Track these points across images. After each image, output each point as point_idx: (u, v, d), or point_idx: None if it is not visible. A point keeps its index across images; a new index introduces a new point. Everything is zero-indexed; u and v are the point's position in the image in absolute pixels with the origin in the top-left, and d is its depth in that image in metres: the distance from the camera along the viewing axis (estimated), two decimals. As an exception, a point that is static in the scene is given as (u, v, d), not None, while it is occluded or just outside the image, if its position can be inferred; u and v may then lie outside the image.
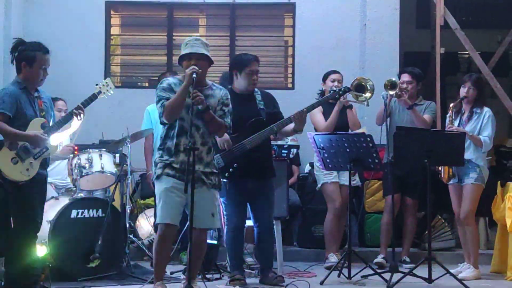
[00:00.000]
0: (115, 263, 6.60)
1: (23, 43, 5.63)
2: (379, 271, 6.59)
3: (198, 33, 9.28)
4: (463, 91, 6.89)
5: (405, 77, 7.44)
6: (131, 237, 7.35)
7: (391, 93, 7.12)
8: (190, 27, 9.69)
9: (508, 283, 6.68)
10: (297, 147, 7.75)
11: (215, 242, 6.70)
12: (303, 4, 9.26)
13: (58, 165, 7.29)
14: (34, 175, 5.50)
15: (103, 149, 7.03)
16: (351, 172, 6.73)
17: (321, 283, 6.28)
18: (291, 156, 7.57)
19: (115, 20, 9.61)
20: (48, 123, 5.62)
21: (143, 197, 8.52)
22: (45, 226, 6.26)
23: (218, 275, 6.61)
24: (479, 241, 7.29)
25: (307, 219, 8.16)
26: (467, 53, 9.31)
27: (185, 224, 6.06)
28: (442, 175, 6.94)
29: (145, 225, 8.01)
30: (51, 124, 5.64)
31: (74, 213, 6.52)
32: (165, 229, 5.45)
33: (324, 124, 7.15)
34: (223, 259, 6.91)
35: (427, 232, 6.84)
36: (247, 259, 6.94)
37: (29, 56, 5.53)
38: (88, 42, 9.25)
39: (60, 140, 6.02)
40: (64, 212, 6.49)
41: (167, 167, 5.46)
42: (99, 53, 9.32)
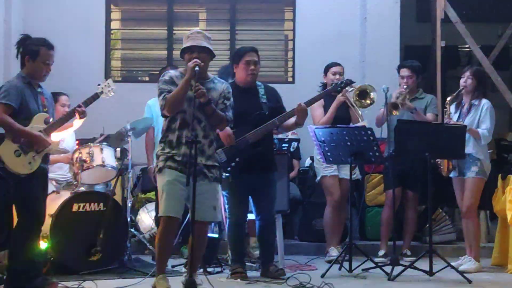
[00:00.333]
0: (117, 256, 6.61)
1: (29, 38, 5.66)
2: (380, 264, 6.60)
3: (198, 27, 9.27)
4: (462, 81, 6.90)
5: (405, 72, 7.43)
6: (132, 231, 7.37)
7: (397, 113, 7.11)
8: (190, 21, 9.69)
9: (509, 276, 6.69)
10: (297, 140, 7.75)
11: (216, 235, 6.71)
12: (303, -3, 9.28)
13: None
14: (36, 169, 5.52)
15: (104, 143, 7.03)
16: (352, 165, 6.74)
17: (322, 276, 6.28)
18: (292, 149, 7.58)
19: (115, 14, 9.61)
20: (50, 118, 5.65)
21: (144, 191, 8.52)
22: (47, 220, 6.22)
23: (219, 269, 6.62)
24: (480, 235, 7.29)
25: (308, 212, 8.18)
26: (467, 46, 9.30)
27: (186, 217, 6.08)
28: (441, 168, 6.95)
29: (146, 219, 8.01)
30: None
31: (75, 207, 6.51)
32: (168, 222, 5.45)
33: (321, 119, 7.13)
34: (224, 253, 6.92)
35: (427, 225, 6.85)
36: (255, 253, 6.93)
37: (33, 50, 5.56)
38: (88, 36, 9.25)
39: (62, 136, 6.03)
40: (65, 206, 6.49)
41: (169, 160, 5.46)
42: (100, 47, 9.32)
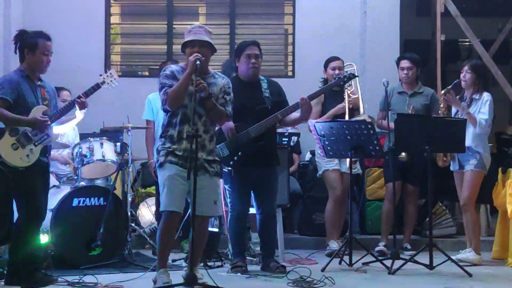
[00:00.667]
0: (117, 251, 6.62)
1: (26, 32, 5.67)
2: (380, 258, 6.61)
3: (198, 22, 9.27)
4: (461, 76, 6.90)
5: (405, 63, 7.43)
6: (133, 225, 7.37)
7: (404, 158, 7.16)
8: (190, 16, 9.70)
9: (509, 269, 6.70)
10: (297, 135, 7.74)
11: (217, 229, 6.71)
12: (303, -9, 9.27)
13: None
14: (35, 162, 5.52)
15: (104, 137, 7.03)
16: (353, 160, 6.74)
17: (322, 270, 6.28)
18: (292, 144, 7.57)
19: (115, 9, 9.60)
20: (50, 111, 5.64)
21: (144, 186, 8.54)
22: (47, 214, 6.26)
23: (219, 263, 6.62)
24: (479, 228, 7.30)
25: (308, 207, 8.18)
26: (467, 40, 9.31)
27: (187, 212, 6.08)
28: (437, 159, 6.96)
29: (146, 213, 8.03)
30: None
31: (75, 202, 6.52)
32: (169, 216, 5.44)
33: (316, 118, 7.11)
34: (224, 247, 6.92)
35: (428, 219, 6.86)
36: (256, 249, 6.94)
37: (31, 42, 5.57)
38: (88, 31, 9.25)
39: (64, 130, 6.03)
40: (65, 200, 6.49)
41: (170, 155, 5.45)
42: (99, 42, 9.33)
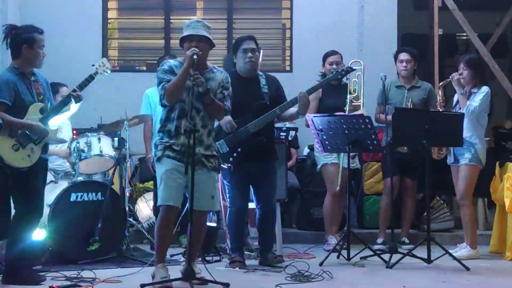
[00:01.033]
0: (115, 246, 6.63)
1: (16, 27, 5.65)
2: (378, 252, 6.62)
3: (195, 16, 9.24)
4: (458, 73, 6.89)
5: (405, 56, 7.43)
6: (131, 220, 7.37)
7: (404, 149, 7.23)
8: (187, 10, 9.66)
9: (506, 263, 6.71)
10: (295, 129, 7.74)
11: (215, 224, 6.72)
12: (300, -14, 9.25)
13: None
14: (36, 161, 5.53)
15: (102, 132, 7.03)
16: (352, 155, 6.75)
17: (321, 264, 6.29)
18: (290, 138, 7.57)
19: (112, 3, 9.57)
20: (46, 106, 5.64)
21: (142, 181, 8.53)
22: (45, 210, 6.25)
23: (217, 258, 6.63)
24: (475, 222, 7.30)
25: (306, 201, 8.19)
26: (465, 34, 9.28)
27: (185, 206, 6.08)
28: (432, 152, 6.97)
29: (144, 208, 8.03)
30: (49, 106, 5.66)
31: (73, 197, 6.52)
32: (167, 210, 5.45)
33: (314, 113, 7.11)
34: (222, 242, 6.93)
35: (426, 213, 6.86)
36: (255, 243, 6.94)
37: (29, 38, 5.55)
38: (85, 26, 9.21)
39: (58, 122, 6.02)
40: (63, 195, 6.50)
41: (167, 149, 5.46)
42: (97, 37, 9.29)
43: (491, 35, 9.33)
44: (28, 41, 5.55)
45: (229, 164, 6.18)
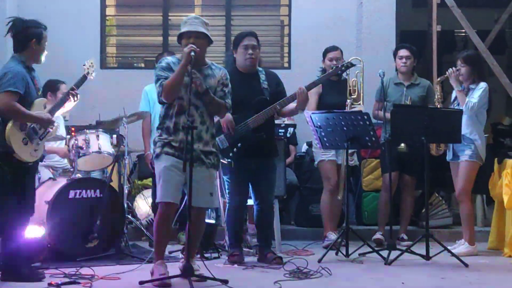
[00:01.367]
0: (114, 243, 6.61)
1: (24, 21, 5.63)
2: (377, 248, 6.63)
3: (193, 13, 9.24)
4: (455, 71, 6.89)
5: (405, 52, 7.42)
6: (129, 217, 7.36)
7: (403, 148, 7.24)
8: (185, 7, 9.67)
9: (505, 259, 6.71)
10: (294, 126, 7.73)
11: (213, 221, 6.72)
12: (299, -18, 9.24)
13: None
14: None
15: (100, 129, 7.02)
16: (350, 152, 6.75)
17: (319, 261, 6.30)
18: (288, 135, 7.57)
19: (110, 0, 9.56)
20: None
21: (140, 178, 8.53)
22: (43, 207, 6.27)
23: (216, 254, 6.63)
24: (474, 218, 7.30)
25: (304, 198, 8.20)
26: (463, 31, 9.29)
27: (183, 203, 6.08)
28: (431, 148, 6.98)
29: (143, 205, 8.03)
30: None
31: (72, 194, 6.51)
32: (165, 207, 5.45)
33: (313, 110, 7.10)
34: (221, 239, 6.93)
35: (424, 210, 6.87)
36: (254, 240, 6.93)
37: (38, 33, 5.58)
38: (83, 23, 9.21)
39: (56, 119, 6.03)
40: (62, 192, 6.48)
41: (166, 146, 5.45)
42: (95, 34, 9.29)
43: (490, 31, 9.32)
44: (37, 36, 5.56)
45: (229, 159, 6.18)
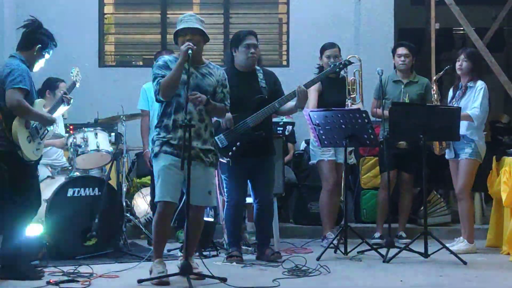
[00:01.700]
0: (112, 241, 6.62)
1: (41, 25, 5.69)
2: (375, 246, 6.63)
3: (191, 11, 9.24)
4: (457, 64, 6.90)
5: (403, 50, 7.41)
6: (128, 215, 7.37)
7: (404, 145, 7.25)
8: (183, 5, 9.66)
9: (503, 257, 6.72)
10: (292, 124, 7.75)
11: (212, 219, 6.72)
12: (297, -20, 9.24)
13: (53, 147, 7.27)
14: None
15: (98, 127, 7.02)
16: (348, 151, 6.75)
17: (318, 259, 6.30)
18: (287, 133, 7.58)
19: (108, -1, 9.57)
20: None
21: (139, 176, 8.52)
22: (42, 205, 6.26)
23: (215, 252, 6.64)
24: (473, 216, 7.31)
25: (303, 196, 8.20)
26: (462, 29, 9.29)
27: (182, 201, 6.08)
28: (433, 147, 6.98)
29: (141, 203, 8.02)
30: None
31: (70, 192, 6.51)
32: (164, 206, 5.45)
33: (313, 107, 7.10)
34: (219, 237, 6.93)
35: (423, 207, 6.87)
36: (252, 238, 6.94)
37: (46, 42, 5.64)
38: (81, 21, 9.19)
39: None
40: (60, 191, 6.48)
41: (165, 145, 5.45)
42: (93, 32, 9.27)
43: (488, 29, 9.33)
44: (44, 44, 5.61)
45: (228, 158, 6.19)
